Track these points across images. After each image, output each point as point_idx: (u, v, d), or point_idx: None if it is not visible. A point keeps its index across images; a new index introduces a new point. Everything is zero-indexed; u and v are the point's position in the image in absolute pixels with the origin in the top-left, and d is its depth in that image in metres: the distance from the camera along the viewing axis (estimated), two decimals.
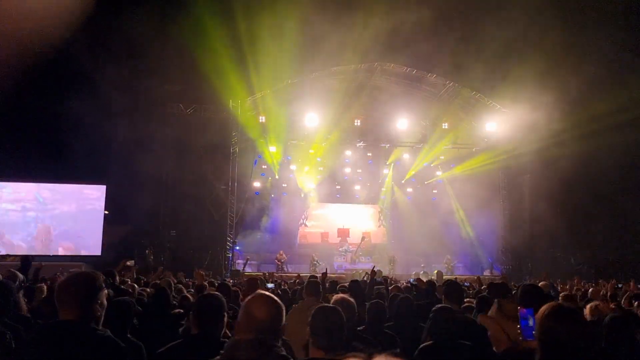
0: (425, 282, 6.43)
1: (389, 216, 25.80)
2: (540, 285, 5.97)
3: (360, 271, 16.01)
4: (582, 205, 18.30)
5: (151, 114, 17.89)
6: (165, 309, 4.63)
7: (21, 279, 6.25)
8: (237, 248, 20.48)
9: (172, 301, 5.09)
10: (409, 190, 25.53)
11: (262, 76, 16.92)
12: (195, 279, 9.23)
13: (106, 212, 17.96)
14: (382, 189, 25.39)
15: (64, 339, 2.08)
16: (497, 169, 21.50)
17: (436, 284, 6.76)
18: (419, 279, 7.31)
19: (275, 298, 2.17)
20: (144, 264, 16.42)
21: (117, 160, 17.19)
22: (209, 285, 7.04)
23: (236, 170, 19.64)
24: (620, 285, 9.75)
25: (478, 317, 2.70)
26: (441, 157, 22.80)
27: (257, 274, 15.98)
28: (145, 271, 13.44)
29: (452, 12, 16.24)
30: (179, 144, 18.72)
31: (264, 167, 22.48)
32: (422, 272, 18.57)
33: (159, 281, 7.28)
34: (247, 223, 21.54)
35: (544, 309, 2.01)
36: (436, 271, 11.25)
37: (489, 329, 2.45)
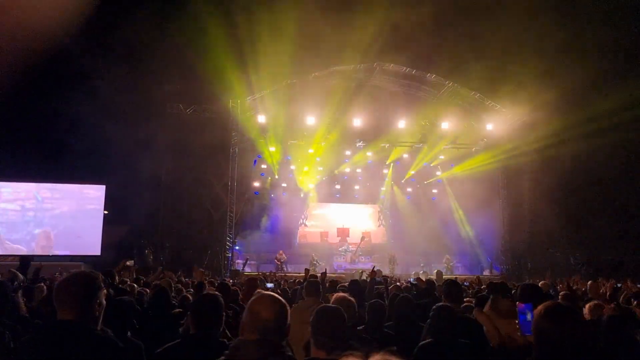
0: (425, 282, 6.44)
1: (388, 216, 25.81)
2: (541, 285, 5.98)
3: (360, 271, 16.00)
4: (581, 205, 18.30)
5: (151, 114, 17.88)
6: (166, 309, 4.62)
7: (21, 279, 6.25)
8: (237, 248, 20.48)
9: (172, 301, 5.09)
10: (409, 190, 25.54)
11: (262, 76, 16.90)
12: (195, 279, 9.24)
13: (106, 212, 17.96)
14: (382, 188, 25.39)
15: (62, 339, 2.08)
16: (497, 168, 21.48)
17: (436, 283, 6.77)
18: (418, 278, 7.32)
19: (280, 298, 2.17)
20: (144, 264, 16.42)
21: (117, 160, 17.20)
22: (208, 285, 7.04)
23: (236, 170, 19.63)
24: (619, 285, 9.76)
25: (474, 313, 2.71)
26: (441, 157, 22.80)
27: (256, 274, 15.98)
28: (144, 271, 13.44)
29: (451, 12, 16.23)
30: (179, 144, 18.70)
31: (263, 167, 22.49)
32: (422, 271, 18.59)
33: (159, 281, 7.28)
34: (247, 223, 21.55)
35: (540, 308, 2.01)
36: (436, 271, 11.24)
37: (483, 324, 2.47)
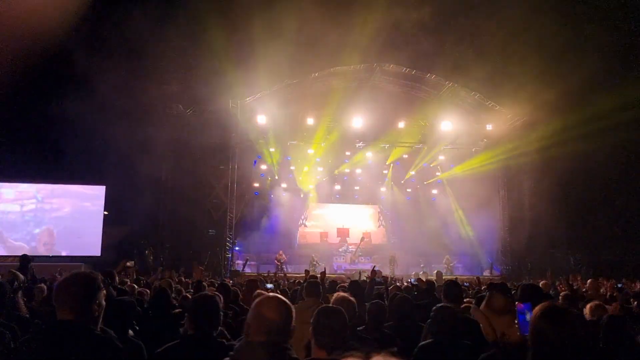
0: (426, 282, 6.45)
1: (388, 216, 25.81)
2: (541, 285, 5.99)
3: (359, 271, 16.01)
4: (581, 205, 18.30)
5: (150, 114, 17.84)
6: (166, 309, 4.62)
7: (21, 279, 6.26)
8: (237, 248, 20.47)
9: (172, 302, 5.09)
10: (409, 190, 25.53)
11: (262, 76, 16.88)
12: (194, 278, 9.24)
13: (106, 213, 17.96)
14: (382, 189, 25.39)
15: (62, 339, 2.08)
16: (497, 169, 21.48)
17: (435, 284, 6.77)
18: (419, 278, 7.33)
19: (285, 300, 2.16)
20: (144, 264, 16.42)
21: (117, 160, 17.16)
22: (208, 286, 7.04)
23: (235, 171, 19.63)
24: (619, 285, 9.78)
25: (471, 311, 2.72)
26: (441, 157, 22.80)
27: (255, 274, 15.98)
28: (144, 272, 13.45)
29: (451, 12, 16.22)
30: (178, 145, 18.70)
31: (263, 167, 22.49)
32: (422, 272, 18.58)
33: (160, 282, 7.28)
34: (247, 223, 21.53)
35: (537, 309, 2.00)
36: (436, 271, 11.24)
37: (479, 321, 2.47)
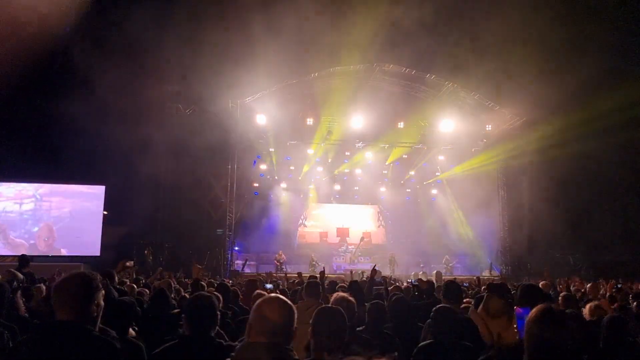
0: (426, 282, 6.44)
1: (388, 216, 25.81)
2: (541, 285, 5.97)
3: (359, 271, 16.00)
4: (581, 205, 18.31)
5: (150, 114, 17.84)
6: (165, 309, 4.61)
7: (20, 279, 6.24)
8: (236, 248, 20.47)
9: (171, 302, 5.08)
10: (408, 190, 25.53)
11: (261, 76, 16.88)
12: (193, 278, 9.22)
13: (105, 213, 17.95)
14: (382, 189, 25.40)
15: (60, 339, 2.07)
16: (497, 169, 21.49)
17: (435, 284, 6.76)
18: (420, 279, 7.32)
19: (287, 300, 2.14)
20: (143, 264, 16.40)
21: (116, 161, 17.16)
22: (208, 286, 7.02)
23: (235, 171, 19.62)
24: (619, 285, 9.76)
25: (469, 312, 2.72)
26: (440, 157, 22.80)
27: (255, 274, 15.95)
28: (144, 272, 13.43)
29: (451, 12, 16.23)
30: (178, 145, 18.67)
31: (263, 167, 22.49)
32: (421, 272, 18.56)
33: (159, 282, 7.27)
34: (246, 223, 21.53)
35: (532, 313, 1.98)
36: (435, 272, 11.22)
37: (477, 324, 2.47)
